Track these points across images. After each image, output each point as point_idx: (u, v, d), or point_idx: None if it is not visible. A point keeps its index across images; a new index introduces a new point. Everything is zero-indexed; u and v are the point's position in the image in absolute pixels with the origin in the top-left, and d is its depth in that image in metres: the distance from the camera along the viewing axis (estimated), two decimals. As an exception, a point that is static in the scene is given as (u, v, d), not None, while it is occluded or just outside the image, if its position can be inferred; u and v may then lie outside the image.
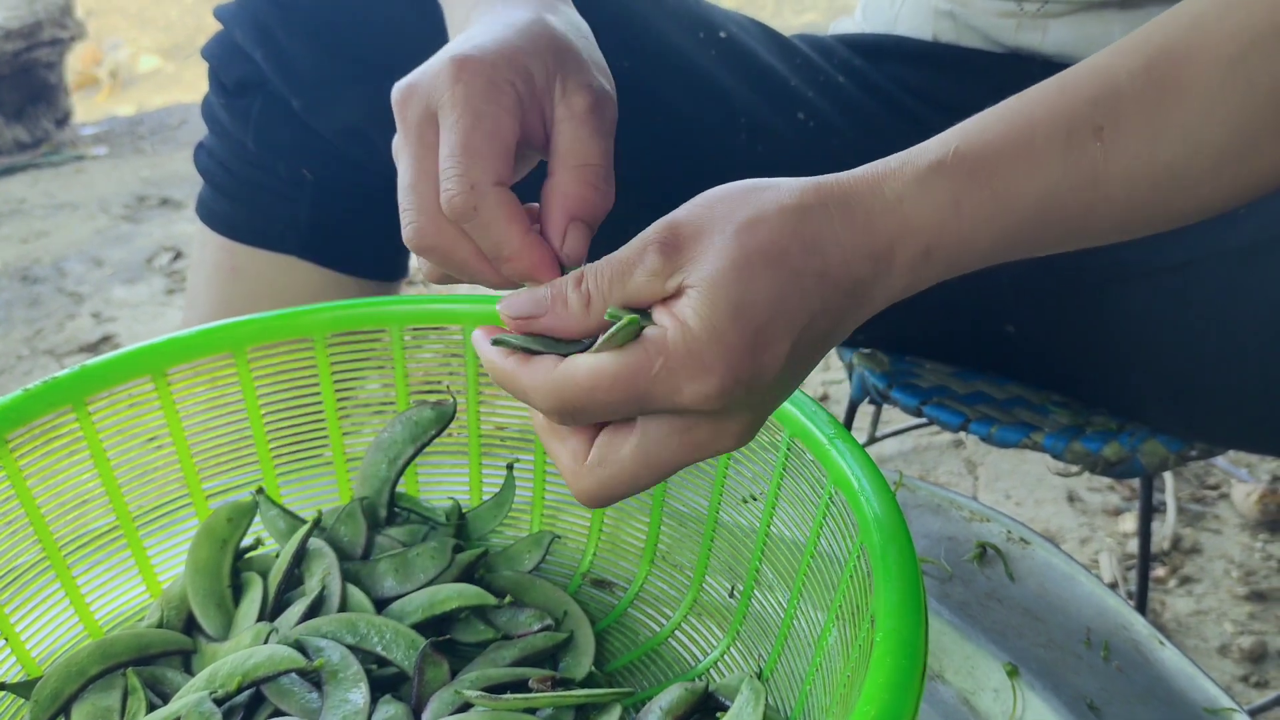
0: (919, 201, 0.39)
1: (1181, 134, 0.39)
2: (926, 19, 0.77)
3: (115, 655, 0.54)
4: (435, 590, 0.57)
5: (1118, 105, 0.39)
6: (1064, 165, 0.39)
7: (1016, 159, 0.39)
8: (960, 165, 0.40)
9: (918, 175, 0.40)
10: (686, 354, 0.38)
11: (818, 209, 0.40)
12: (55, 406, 0.56)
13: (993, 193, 0.39)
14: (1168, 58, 0.39)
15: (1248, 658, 1.07)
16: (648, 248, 0.40)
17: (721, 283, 0.38)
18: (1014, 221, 0.40)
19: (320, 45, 0.68)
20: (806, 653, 0.50)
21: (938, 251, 0.40)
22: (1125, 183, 0.39)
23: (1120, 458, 0.73)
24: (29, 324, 1.97)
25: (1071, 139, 0.39)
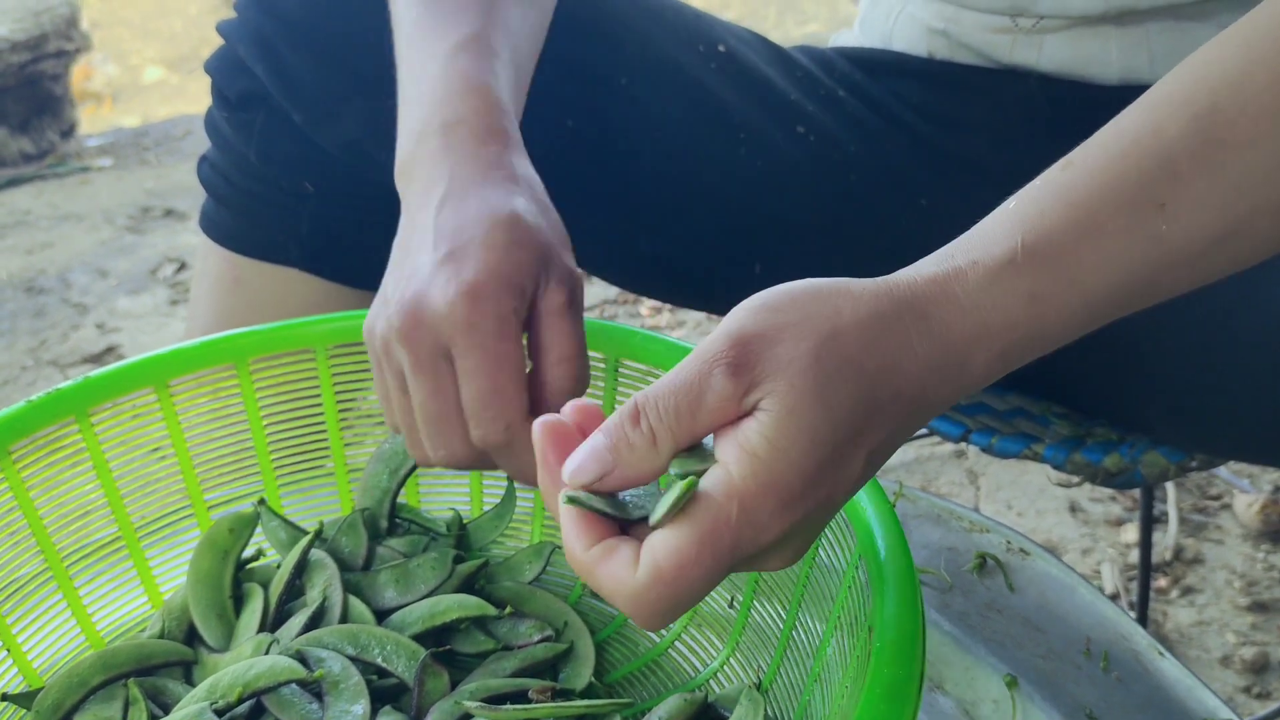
0: (996, 307, 0.38)
1: (1241, 192, 0.38)
2: (920, 37, 0.77)
3: (116, 666, 0.54)
4: (436, 601, 0.57)
5: (1176, 176, 0.38)
6: (1130, 244, 0.38)
7: (1082, 246, 0.38)
8: (1031, 262, 0.38)
9: (991, 276, 0.38)
10: (763, 490, 0.36)
11: (894, 321, 0.38)
12: (58, 417, 0.57)
13: (1064, 286, 0.38)
14: (1216, 116, 0.38)
15: (1250, 668, 1.07)
16: (714, 369, 0.37)
17: (801, 407, 0.36)
18: (1084, 306, 0.39)
19: (321, 60, 0.69)
20: (805, 663, 0.50)
21: (1012, 352, 0.39)
22: (1189, 247, 0.39)
23: (1121, 468, 0.73)
24: (34, 335, 1.97)
25: (1135, 218, 0.38)
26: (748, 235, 0.75)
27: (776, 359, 0.36)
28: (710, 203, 0.74)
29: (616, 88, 0.72)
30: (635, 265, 0.78)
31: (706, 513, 0.36)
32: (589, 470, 0.38)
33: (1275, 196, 0.39)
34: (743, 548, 0.36)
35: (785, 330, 0.37)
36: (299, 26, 0.69)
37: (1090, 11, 0.69)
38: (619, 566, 0.37)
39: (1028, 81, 0.73)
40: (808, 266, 0.59)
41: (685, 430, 0.37)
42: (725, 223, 0.75)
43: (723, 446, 0.37)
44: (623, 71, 0.72)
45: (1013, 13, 0.71)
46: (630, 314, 1.91)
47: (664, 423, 0.37)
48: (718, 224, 0.75)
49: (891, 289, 0.38)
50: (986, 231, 0.40)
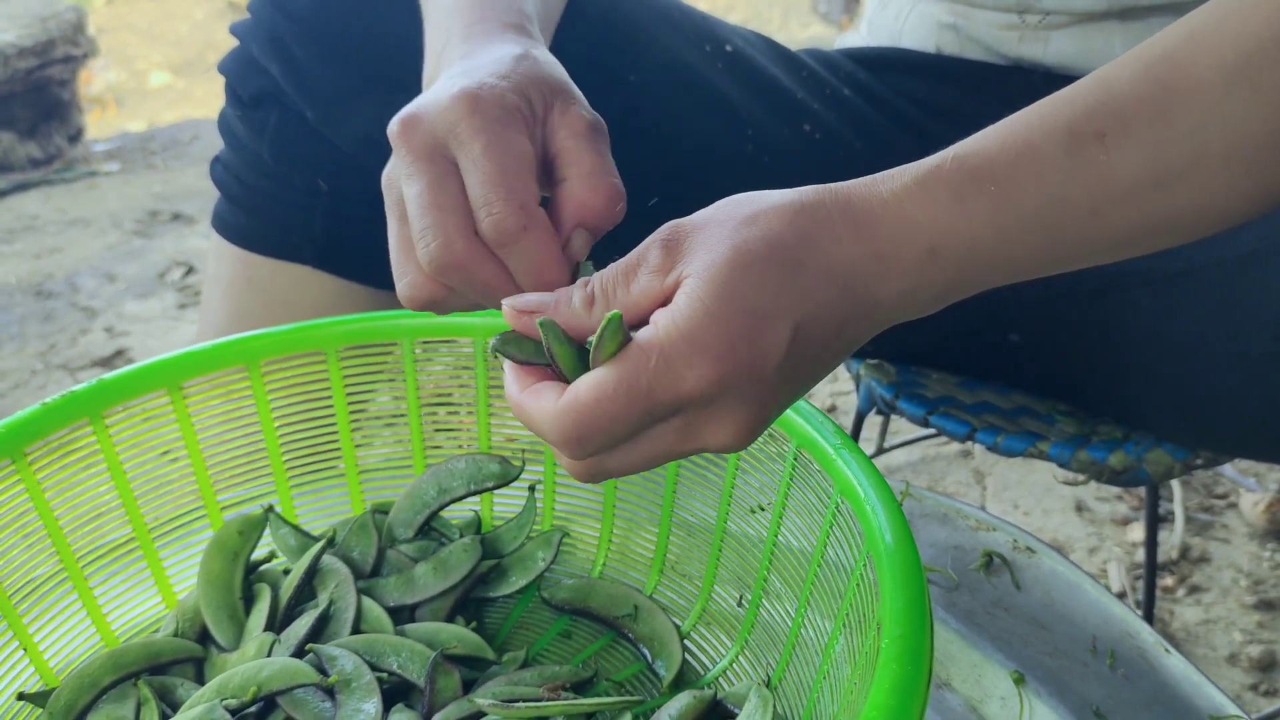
0: (918, 200, 0.40)
1: (1186, 137, 0.39)
2: (930, 32, 0.78)
3: (127, 665, 0.55)
4: (437, 628, 0.57)
5: (1120, 111, 0.40)
6: (1067, 168, 0.39)
7: (1018, 162, 0.40)
8: (959, 168, 0.40)
9: (916, 178, 0.40)
10: (680, 339, 0.38)
11: (816, 206, 0.40)
12: (73, 420, 0.57)
13: (996, 194, 0.40)
14: (1169, 64, 0.40)
15: (1256, 666, 1.07)
16: (650, 246, 0.41)
17: (717, 269, 0.38)
18: (1018, 225, 0.40)
19: (334, 58, 0.70)
20: (814, 661, 0.50)
21: (944, 251, 0.40)
22: (1131, 185, 0.39)
23: (1126, 466, 0.74)
24: (43, 339, 1.98)
25: (1073, 142, 0.40)
26: None
27: (703, 237, 0.40)
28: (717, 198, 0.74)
29: (625, 84, 0.73)
30: None
31: (627, 356, 0.39)
32: (528, 301, 0.42)
33: (1218, 147, 0.39)
34: (659, 393, 0.39)
35: (716, 218, 0.41)
36: (312, 25, 0.70)
37: (1095, 8, 0.70)
38: (544, 398, 0.41)
39: (1033, 77, 0.74)
40: None
41: (619, 298, 0.41)
42: None
43: (654, 315, 0.40)
44: (631, 69, 0.73)
45: (1020, 9, 0.72)
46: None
47: (603, 287, 0.41)
48: None
49: (818, 187, 0.41)
50: (926, 158, 0.41)
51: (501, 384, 0.66)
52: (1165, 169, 0.39)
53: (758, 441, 0.56)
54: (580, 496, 0.65)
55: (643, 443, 0.41)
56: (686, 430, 0.40)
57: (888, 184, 0.41)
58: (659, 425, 0.40)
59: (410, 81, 0.66)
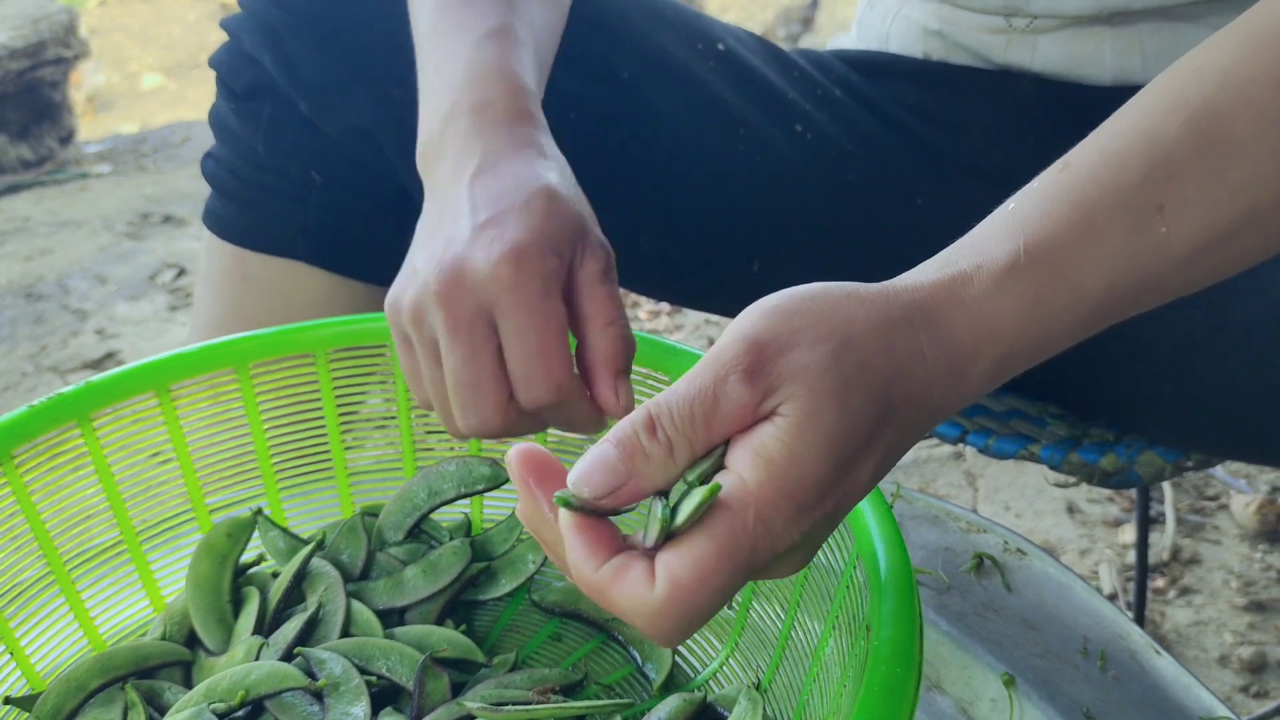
0: (1000, 311, 0.38)
1: (1238, 193, 0.39)
2: (916, 38, 0.77)
3: (114, 669, 0.54)
4: (427, 631, 0.57)
5: (1174, 177, 0.39)
6: (1129, 246, 0.39)
7: (1082, 249, 0.38)
8: (1033, 265, 0.38)
9: (994, 280, 0.38)
10: (778, 495, 0.35)
11: (905, 326, 0.38)
12: (60, 422, 0.57)
13: (1067, 288, 0.38)
14: (1212, 116, 0.39)
15: (1247, 668, 1.08)
16: (730, 374, 0.36)
17: (818, 412, 0.35)
18: (1087, 308, 0.39)
19: (326, 49, 0.70)
20: (804, 663, 0.50)
21: (1016, 355, 0.39)
22: (1188, 249, 0.39)
23: (1117, 468, 0.74)
24: (33, 341, 1.98)
25: (1135, 221, 0.39)
26: (746, 231, 0.75)
27: (792, 364, 0.36)
28: (709, 199, 0.75)
29: (618, 82, 0.73)
30: (635, 264, 0.79)
31: (724, 522, 0.35)
32: (599, 482, 0.36)
33: (1266, 201, 0.39)
34: (759, 556, 0.35)
35: (799, 335, 0.36)
36: (304, 16, 0.70)
37: (1083, 12, 0.69)
38: (635, 584, 0.35)
39: (1022, 82, 0.74)
40: (805, 263, 0.59)
41: (702, 439, 0.36)
42: (724, 219, 0.75)
43: (736, 453, 0.36)
44: (624, 66, 0.73)
45: (1007, 13, 0.72)
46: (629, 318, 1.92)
47: (680, 432, 0.36)
48: (716, 220, 0.75)
49: (900, 293, 0.38)
50: (988, 235, 0.40)
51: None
52: (1220, 231, 0.39)
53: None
54: (570, 499, 0.65)
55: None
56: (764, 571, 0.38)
57: (970, 289, 0.38)
58: None
59: (403, 74, 0.67)
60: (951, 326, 0.38)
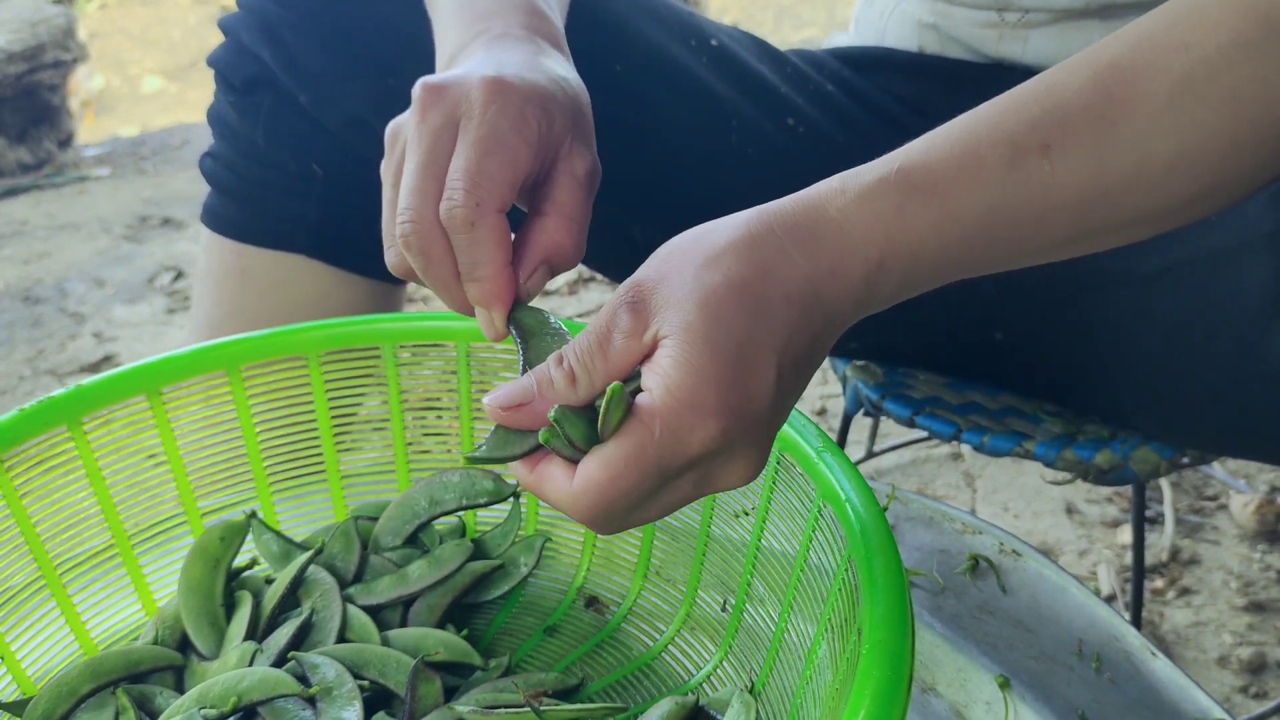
0: (862, 215, 0.41)
1: (1130, 148, 0.39)
2: (911, 31, 0.78)
3: (105, 674, 0.54)
4: (424, 634, 0.57)
5: (1064, 122, 0.40)
6: (1011, 180, 0.40)
7: (961, 174, 0.40)
8: (903, 180, 0.41)
9: (860, 192, 0.41)
10: (679, 405, 0.39)
11: (766, 237, 0.41)
12: (51, 426, 0.57)
13: (939, 205, 0.40)
14: (1115, 73, 0.40)
15: (1247, 668, 1.07)
16: (617, 311, 0.41)
17: (692, 325, 0.39)
18: (961, 233, 0.40)
19: (325, 42, 0.70)
20: (797, 665, 0.50)
21: (891, 261, 0.41)
22: (1075, 195, 0.40)
23: (1112, 465, 0.73)
24: (31, 344, 1.98)
25: (1017, 155, 0.40)
26: None
27: (666, 292, 0.40)
28: (702, 189, 0.75)
29: (612, 74, 0.73)
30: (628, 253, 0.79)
31: (633, 430, 0.39)
32: (506, 395, 0.42)
33: (1163, 156, 0.39)
34: (669, 460, 0.39)
35: (669, 267, 0.41)
36: (303, 11, 0.70)
37: (1072, 5, 0.70)
38: (559, 481, 0.41)
39: (1014, 74, 0.74)
40: None
41: (600, 369, 0.41)
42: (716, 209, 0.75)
43: (645, 378, 0.40)
44: (618, 59, 0.73)
45: (999, 7, 0.73)
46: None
47: (580, 362, 0.41)
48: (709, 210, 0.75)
49: (761, 211, 0.41)
50: (871, 163, 0.42)
51: (488, 388, 0.65)
52: (1109, 179, 0.40)
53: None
54: (564, 501, 0.65)
55: (662, 496, 0.41)
56: (701, 480, 0.41)
57: (833, 201, 0.41)
58: (674, 481, 0.41)
59: (401, 65, 0.67)
60: (814, 230, 0.41)
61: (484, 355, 0.64)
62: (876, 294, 0.41)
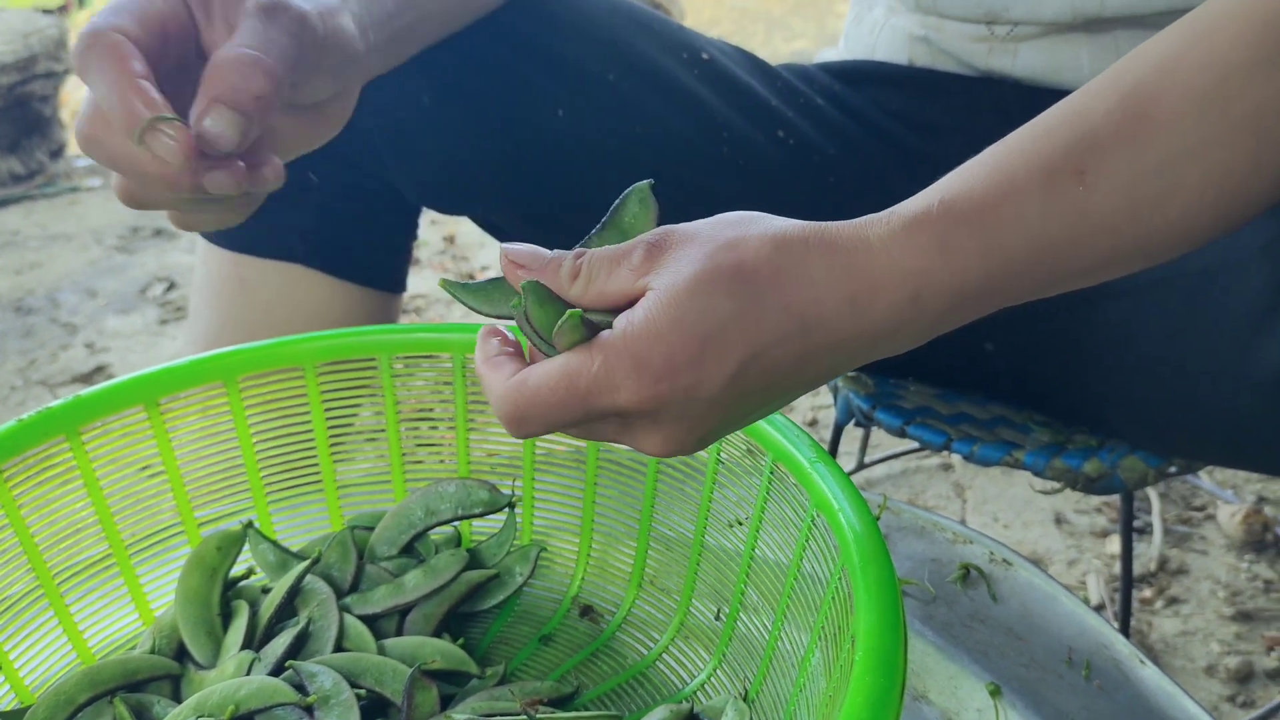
0: (905, 246, 0.40)
1: (1160, 168, 0.40)
2: (902, 44, 0.79)
3: (103, 682, 0.54)
4: (420, 643, 0.57)
5: (1096, 146, 0.40)
6: (1047, 207, 0.40)
7: (1001, 204, 0.40)
8: (946, 214, 0.40)
9: (904, 223, 0.41)
10: (624, 351, 0.39)
11: (798, 243, 0.40)
12: (49, 436, 0.57)
13: (981, 236, 0.40)
14: (1141, 94, 0.40)
15: (1234, 678, 1.08)
16: (639, 243, 0.42)
17: (677, 290, 0.39)
18: (1002, 263, 0.40)
19: None
20: (791, 673, 0.50)
21: (928, 298, 0.40)
22: (1109, 219, 0.40)
23: (1100, 474, 0.74)
24: (22, 354, 1.97)
25: (1053, 182, 0.40)
26: None
27: (681, 251, 0.41)
28: (692, 201, 0.75)
29: (603, 85, 0.74)
30: None
31: (577, 356, 0.40)
32: (521, 254, 0.43)
33: (1193, 176, 0.40)
34: (595, 398, 0.40)
35: (701, 232, 0.41)
36: None
37: (1060, 19, 0.71)
38: (502, 371, 0.43)
39: (1003, 87, 0.75)
40: None
41: (598, 285, 0.42)
42: None
43: (616, 320, 0.41)
44: (609, 70, 0.74)
45: (988, 20, 0.74)
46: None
47: (588, 267, 0.42)
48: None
49: (807, 224, 0.42)
50: (913, 197, 0.42)
51: (483, 400, 0.66)
52: (1141, 201, 0.40)
53: (735, 455, 0.56)
54: (559, 512, 0.65)
55: (582, 425, 0.42)
56: (621, 430, 0.42)
57: (876, 228, 0.41)
58: (597, 422, 0.42)
59: (398, 74, 0.67)
60: (850, 253, 0.41)
61: (479, 366, 0.65)
62: (905, 327, 0.41)
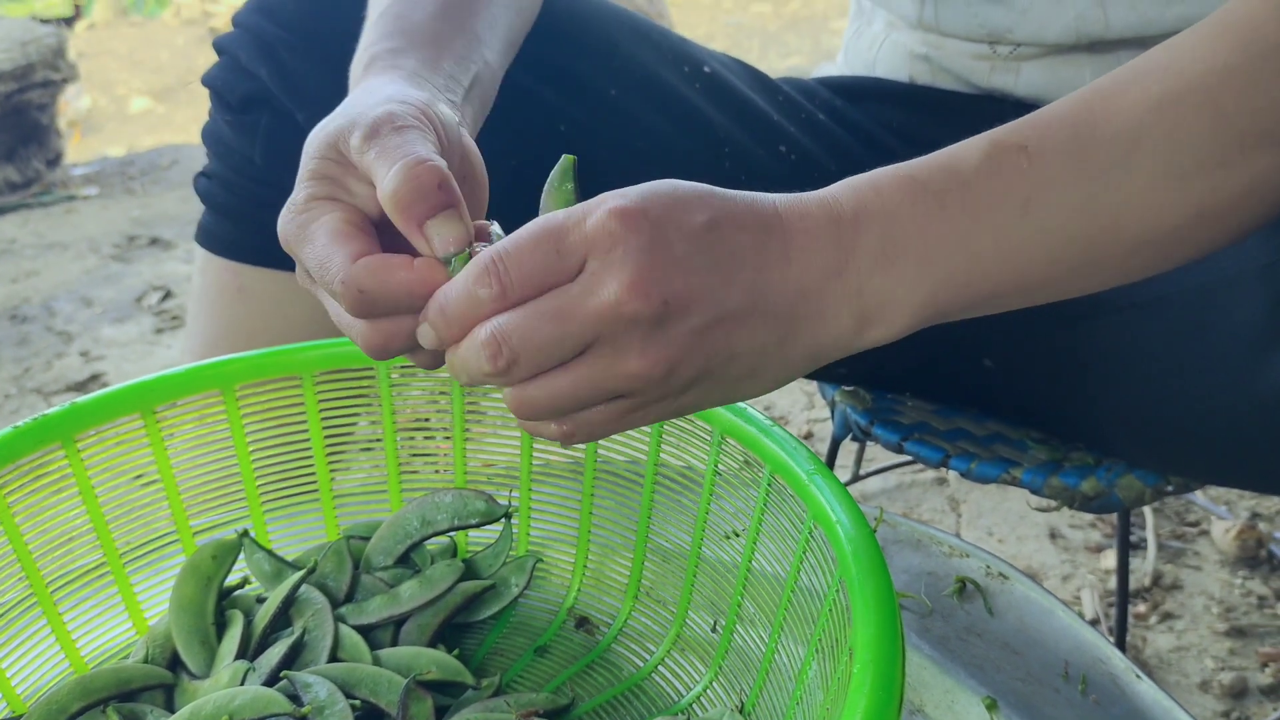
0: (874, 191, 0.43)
1: (1109, 151, 0.41)
2: (903, 62, 0.79)
3: (95, 692, 0.54)
4: (416, 653, 0.57)
5: (1040, 125, 0.42)
6: (989, 170, 0.42)
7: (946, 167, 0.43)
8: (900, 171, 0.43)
9: (868, 178, 0.44)
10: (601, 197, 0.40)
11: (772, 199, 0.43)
12: (45, 444, 0.57)
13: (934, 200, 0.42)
14: (1097, 93, 0.42)
15: (1228, 693, 1.08)
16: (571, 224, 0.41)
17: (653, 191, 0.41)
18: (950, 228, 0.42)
19: (322, 61, 0.70)
20: (787, 686, 0.50)
21: (894, 246, 0.42)
22: (1058, 197, 0.41)
23: (1098, 492, 0.74)
24: (17, 363, 1.97)
25: (994, 150, 0.42)
26: None
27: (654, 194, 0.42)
28: None
29: (605, 98, 0.74)
30: None
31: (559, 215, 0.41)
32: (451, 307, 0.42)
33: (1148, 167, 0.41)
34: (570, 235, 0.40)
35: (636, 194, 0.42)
36: (299, 30, 0.71)
37: (1064, 40, 0.71)
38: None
39: (1003, 106, 0.75)
40: None
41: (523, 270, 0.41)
42: None
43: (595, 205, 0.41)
44: (611, 84, 0.74)
45: (991, 40, 0.74)
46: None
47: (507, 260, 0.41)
48: None
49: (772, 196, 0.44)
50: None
51: (480, 410, 0.66)
52: (1086, 194, 0.41)
53: (733, 466, 0.56)
54: (555, 522, 0.65)
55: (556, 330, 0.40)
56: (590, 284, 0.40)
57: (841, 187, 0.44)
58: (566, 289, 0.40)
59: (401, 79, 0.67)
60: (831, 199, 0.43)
61: (477, 377, 0.65)
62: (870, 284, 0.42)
